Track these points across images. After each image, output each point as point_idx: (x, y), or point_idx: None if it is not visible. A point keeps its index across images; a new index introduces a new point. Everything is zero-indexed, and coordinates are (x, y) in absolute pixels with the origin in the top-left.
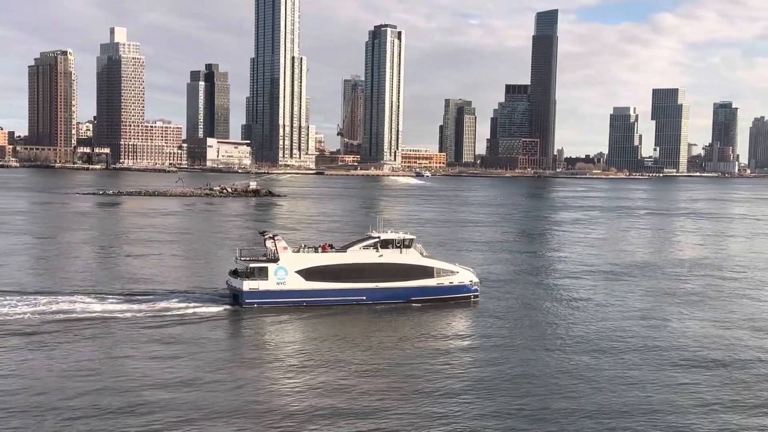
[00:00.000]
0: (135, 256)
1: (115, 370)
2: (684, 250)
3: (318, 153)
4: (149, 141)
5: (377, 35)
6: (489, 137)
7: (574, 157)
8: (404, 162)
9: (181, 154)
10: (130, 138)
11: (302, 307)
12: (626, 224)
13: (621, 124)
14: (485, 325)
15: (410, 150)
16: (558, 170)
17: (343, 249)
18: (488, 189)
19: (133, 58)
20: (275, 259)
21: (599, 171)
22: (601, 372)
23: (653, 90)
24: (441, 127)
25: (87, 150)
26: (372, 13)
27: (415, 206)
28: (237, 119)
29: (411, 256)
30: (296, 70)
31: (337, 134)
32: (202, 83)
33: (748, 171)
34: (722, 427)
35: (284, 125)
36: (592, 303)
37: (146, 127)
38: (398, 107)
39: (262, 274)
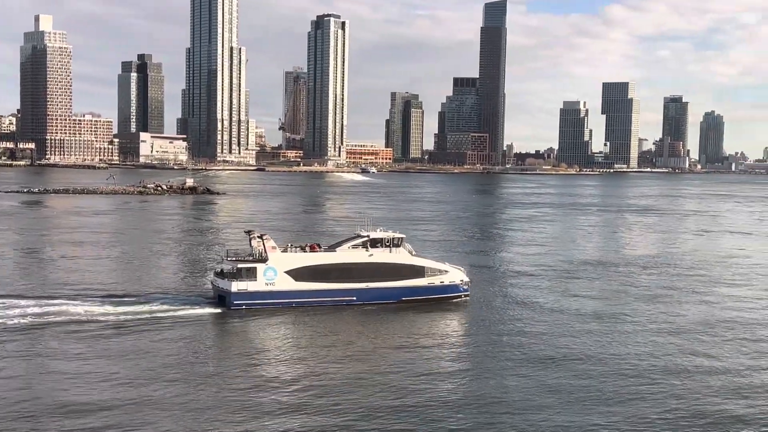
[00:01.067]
0: (85, 258)
1: (91, 379)
2: (648, 248)
3: (259, 148)
4: (77, 135)
5: (320, 25)
6: (437, 132)
7: (524, 152)
8: (349, 158)
9: (112, 149)
10: (57, 132)
11: (292, 308)
12: (581, 222)
13: (571, 118)
14: (475, 326)
15: (356, 145)
16: (507, 166)
17: (332, 248)
18: (437, 185)
19: (59, 48)
20: (263, 259)
21: (549, 167)
22: (567, 384)
23: (603, 84)
24: (387, 122)
25: (10, 145)
26: (315, 2)
27: (362, 204)
28: (172, 113)
29: (401, 256)
30: (235, 61)
31: (279, 129)
32: (134, 74)
33: (699, 166)
34: None
35: (222, 119)
36: (571, 305)
37: (74, 120)
38: (342, 101)
39: (251, 274)
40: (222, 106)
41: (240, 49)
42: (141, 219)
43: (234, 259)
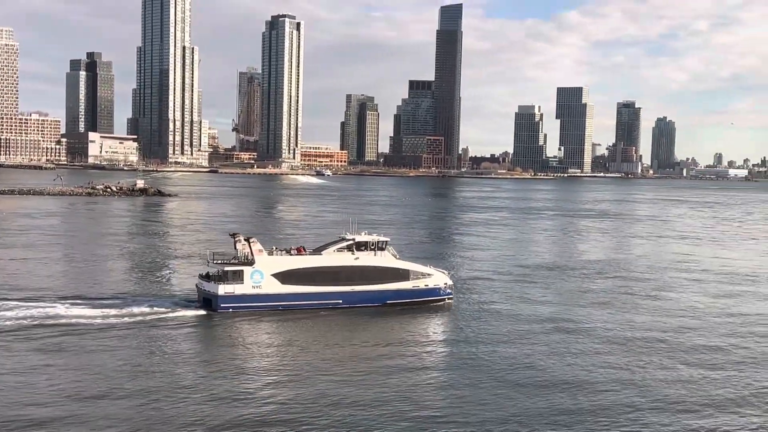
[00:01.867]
0: (51, 260)
1: (76, 382)
2: (606, 253)
3: (211, 150)
4: (24, 135)
5: (275, 25)
6: (392, 135)
7: (480, 156)
8: (304, 160)
9: (59, 149)
10: (3, 132)
11: (278, 311)
12: (538, 226)
13: (526, 123)
14: (458, 330)
15: (310, 147)
16: (463, 170)
17: (317, 251)
18: (392, 189)
19: (5, 45)
20: (250, 262)
21: (504, 171)
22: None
23: (558, 89)
24: (342, 124)
25: None
26: (270, 1)
27: (318, 207)
28: (122, 112)
29: (386, 259)
30: (187, 61)
31: (233, 130)
32: (83, 73)
33: (651, 171)
34: None
35: (174, 119)
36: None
37: (21, 119)
38: (297, 102)
39: (238, 277)
40: (174, 106)
41: (193, 48)
42: (93, 221)
43: (220, 261)
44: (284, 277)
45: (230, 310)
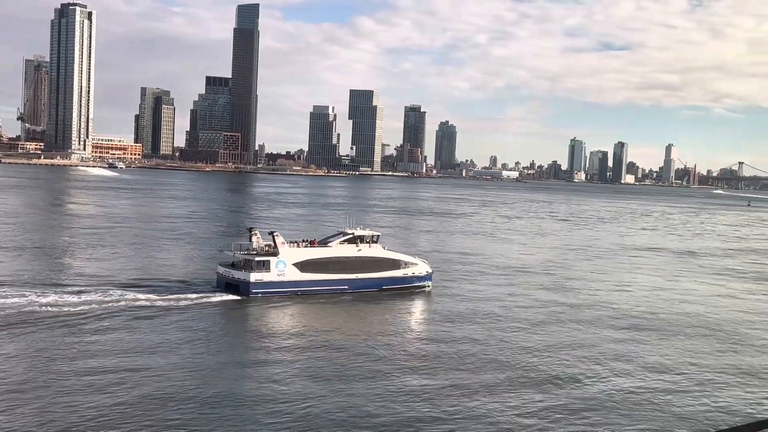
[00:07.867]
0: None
1: (138, 363)
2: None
3: None
4: None
5: (65, 13)
6: (189, 129)
7: (276, 153)
8: (96, 152)
9: None
10: None
11: (297, 296)
12: (338, 222)
13: (320, 122)
14: (441, 309)
15: (103, 139)
16: (259, 166)
17: (323, 243)
18: (189, 183)
19: None
20: (275, 253)
21: (300, 167)
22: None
23: (351, 91)
24: (137, 117)
25: None
26: None
27: (111, 200)
28: None
29: (380, 250)
30: None
31: (18, 119)
32: None
33: (434, 171)
34: None
35: None
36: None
37: None
38: (89, 93)
39: (265, 266)
40: None
41: None
42: None
43: (247, 252)
44: (303, 266)
45: (259, 294)
